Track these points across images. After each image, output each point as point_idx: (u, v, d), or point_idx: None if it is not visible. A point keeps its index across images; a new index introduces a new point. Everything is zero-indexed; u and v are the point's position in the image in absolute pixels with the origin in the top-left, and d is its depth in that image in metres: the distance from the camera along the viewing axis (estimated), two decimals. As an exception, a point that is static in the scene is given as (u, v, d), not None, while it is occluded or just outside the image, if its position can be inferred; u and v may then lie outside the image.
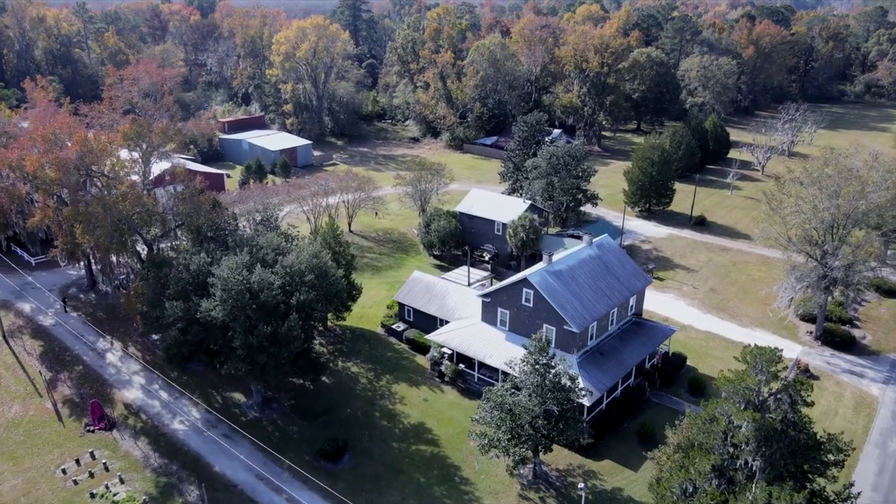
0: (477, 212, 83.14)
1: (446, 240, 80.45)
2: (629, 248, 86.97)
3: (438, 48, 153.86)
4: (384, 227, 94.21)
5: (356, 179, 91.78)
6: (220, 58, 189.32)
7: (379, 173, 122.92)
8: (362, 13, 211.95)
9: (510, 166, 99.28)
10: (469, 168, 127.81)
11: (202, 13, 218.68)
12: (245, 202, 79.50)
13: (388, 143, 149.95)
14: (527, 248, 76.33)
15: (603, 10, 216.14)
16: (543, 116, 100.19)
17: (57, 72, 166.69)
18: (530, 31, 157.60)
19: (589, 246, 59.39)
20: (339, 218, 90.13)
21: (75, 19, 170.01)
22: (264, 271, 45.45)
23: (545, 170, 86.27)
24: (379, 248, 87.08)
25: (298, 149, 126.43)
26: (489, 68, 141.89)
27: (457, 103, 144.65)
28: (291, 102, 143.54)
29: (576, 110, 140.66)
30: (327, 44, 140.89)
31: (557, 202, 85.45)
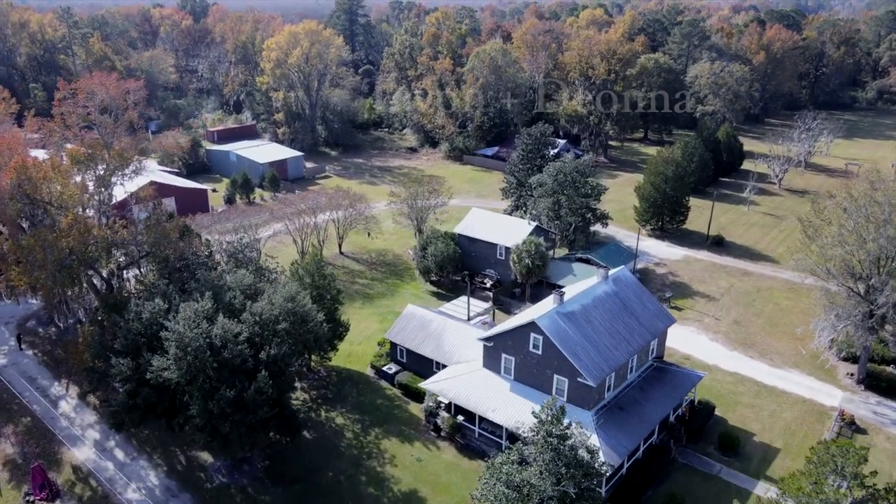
0: (477, 234, 76.36)
1: (444, 265, 73.66)
2: (643, 271, 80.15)
3: (437, 54, 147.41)
4: (378, 247, 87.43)
5: (347, 197, 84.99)
6: (211, 64, 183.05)
7: (373, 187, 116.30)
8: (359, 17, 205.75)
9: (513, 182, 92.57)
10: (469, 181, 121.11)
11: (194, 18, 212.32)
12: (223, 223, 72.70)
13: (385, 153, 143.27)
14: (532, 275, 69.54)
15: (607, 14, 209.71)
16: (548, 128, 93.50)
17: (41, 79, 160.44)
18: (533, 36, 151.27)
19: (604, 281, 52.53)
20: (329, 238, 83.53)
21: (60, 24, 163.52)
22: (229, 321, 38.62)
23: (551, 187, 79.51)
24: (371, 273, 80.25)
25: (289, 161, 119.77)
26: (490, 75, 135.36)
27: (456, 112, 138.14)
28: (283, 111, 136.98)
29: (581, 119, 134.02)
30: (320, 50, 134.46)
31: (565, 223, 78.65)
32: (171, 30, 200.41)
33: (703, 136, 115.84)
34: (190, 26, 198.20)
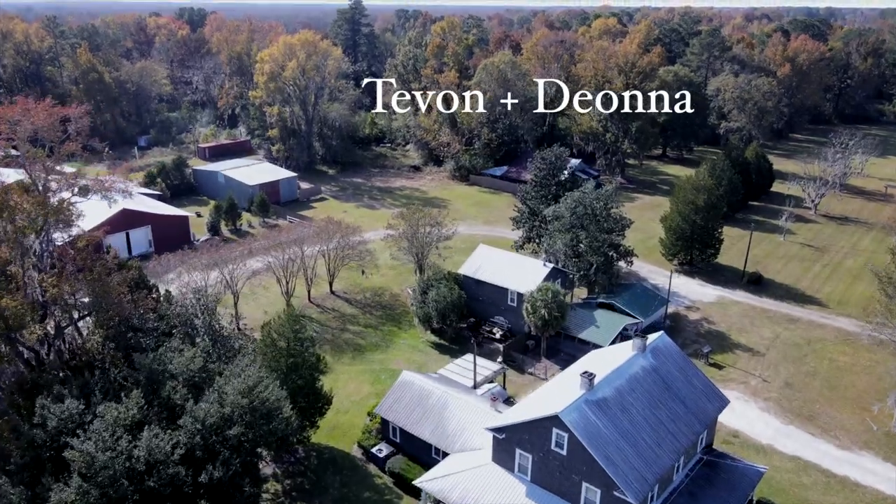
0: (485, 276, 66.88)
1: (447, 313, 64.16)
2: (673, 317, 70.38)
3: (442, 66, 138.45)
4: (373, 286, 78.05)
5: (339, 229, 75.71)
6: (206, 75, 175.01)
7: (372, 211, 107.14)
8: (362, 27, 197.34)
9: (525, 211, 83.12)
10: (476, 205, 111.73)
11: (192, 27, 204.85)
12: (191, 261, 63.37)
13: (386, 171, 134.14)
14: (549, 328, 59.96)
15: (621, 23, 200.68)
16: (564, 151, 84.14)
17: (25, 92, 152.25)
18: (544, 47, 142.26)
19: (641, 354, 42.90)
20: (319, 276, 74.25)
21: (46, 34, 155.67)
22: (159, 436, 29.29)
23: (569, 221, 70.04)
24: (365, 317, 70.80)
25: (281, 182, 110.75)
26: (498, 89, 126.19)
27: (462, 128, 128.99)
28: (277, 127, 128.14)
29: (596, 136, 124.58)
30: (318, 62, 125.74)
31: (585, 262, 69.08)
32: (167, 39, 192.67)
33: (730, 156, 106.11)
34: (186, 36, 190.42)
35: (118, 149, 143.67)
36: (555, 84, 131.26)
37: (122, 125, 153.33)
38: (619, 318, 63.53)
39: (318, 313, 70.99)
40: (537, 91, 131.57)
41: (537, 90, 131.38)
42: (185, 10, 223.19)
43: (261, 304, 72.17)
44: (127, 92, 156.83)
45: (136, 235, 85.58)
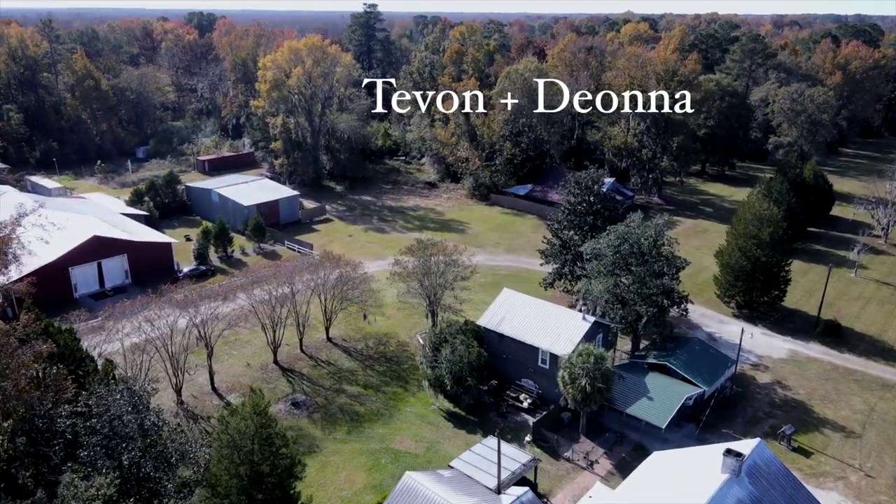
0: (511, 330, 55.02)
1: (464, 376, 52.39)
2: (739, 379, 57.82)
3: (461, 74, 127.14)
4: (377, 331, 66.49)
5: (337, 264, 64.36)
6: (212, 82, 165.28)
7: (381, 235, 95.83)
8: (377, 32, 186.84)
9: (556, 244, 71.25)
10: (498, 228, 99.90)
11: (200, 32, 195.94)
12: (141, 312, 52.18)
13: (399, 188, 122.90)
14: (591, 402, 47.89)
15: (652, 28, 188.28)
16: (602, 173, 72.18)
17: (18, 99, 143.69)
18: (572, 53, 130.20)
19: (734, 479, 30.71)
20: (314, 319, 62.94)
21: (42, 39, 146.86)
22: None
23: (611, 261, 58.03)
24: (365, 374, 59.17)
25: (281, 202, 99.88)
26: (522, 99, 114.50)
27: (482, 142, 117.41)
28: (281, 139, 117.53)
29: (631, 152, 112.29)
30: (326, 69, 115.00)
31: (631, 312, 56.99)
32: (174, 45, 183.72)
33: (787, 175, 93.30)
34: (193, 41, 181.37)
35: (115, 160, 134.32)
36: (584, 93, 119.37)
37: (120, 135, 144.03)
38: (676, 386, 51.31)
39: (309, 367, 59.56)
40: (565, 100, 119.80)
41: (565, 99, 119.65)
42: (195, 15, 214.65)
43: (244, 355, 60.97)
44: (126, 100, 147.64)
45: (109, 266, 74.95)
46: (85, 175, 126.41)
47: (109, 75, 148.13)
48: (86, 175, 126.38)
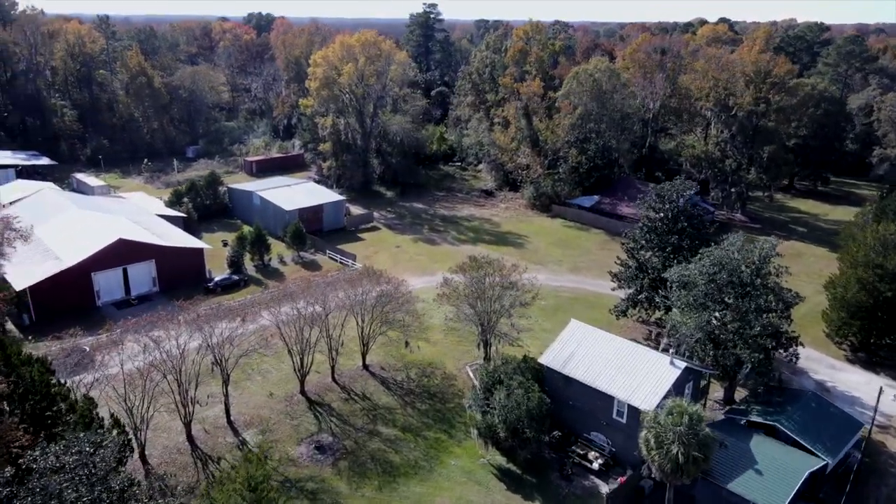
0: (579, 372, 45.43)
1: (521, 427, 43.15)
2: (871, 463, 46.30)
3: (524, 75, 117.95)
4: (421, 359, 57.91)
5: (377, 281, 56.22)
6: (265, 82, 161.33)
7: (431, 247, 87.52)
8: (436, 32, 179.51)
9: (631, 266, 61.21)
10: (560, 243, 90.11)
11: (258, 32, 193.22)
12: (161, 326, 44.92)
13: (453, 196, 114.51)
14: (683, 474, 37.81)
15: (732, 30, 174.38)
16: (691, 186, 61.68)
17: (73, 96, 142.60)
18: (646, 53, 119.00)
19: None
20: (350, 343, 54.94)
21: (99, 36, 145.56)
22: None
23: (703, 291, 47.78)
24: (404, 413, 50.58)
25: (326, 207, 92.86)
26: (591, 102, 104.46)
27: (545, 148, 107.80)
28: (330, 141, 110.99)
29: (712, 163, 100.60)
30: (380, 67, 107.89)
31: (729, 356, 46.53)
32: (231, 44, 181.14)
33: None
34: (250, 41, 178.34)
35: (164, 159, 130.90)
36: (658, 97, 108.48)
37: (171, 134, 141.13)
38: (792, 457, 40.65)
39: (341, 401, 51.41)
40: (637, 106, 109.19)
41: (637, 106, 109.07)
42: (254, 16, 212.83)
43: (268, 382, 53.38)
44: (179, 98, 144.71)
45: (136, 272, 68.99)
46: (132, 174, 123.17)
47: (164, 73, 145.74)
48: (133, 174, 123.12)
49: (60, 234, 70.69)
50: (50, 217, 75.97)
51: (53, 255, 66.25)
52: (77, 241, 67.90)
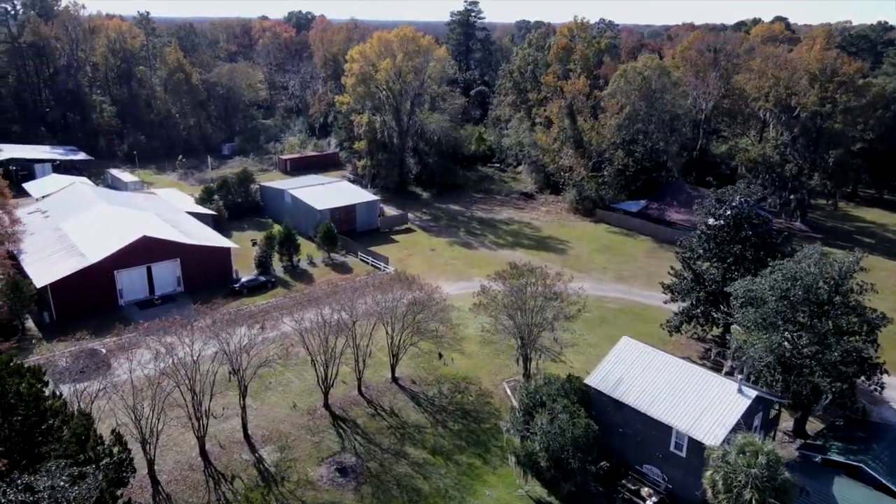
0: (632, 397, 40.45)
1: (566, 456, 38.45)
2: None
3: (567, 73, 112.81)
4: (455, 373, 53.57)
5: (408, 285, 52.17)
6: (303, 80, 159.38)
7: (468, 251, 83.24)
8: (476, 31, 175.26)
9: (687, 278, 55.84)
10: (604, 250, 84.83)
11: (297, 30, 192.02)
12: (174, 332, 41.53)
13: (491, 198, 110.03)
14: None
15: (788, 29, 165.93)
16: (754, 191, 55.96)
17: (112, 92, 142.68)
18: (698, 51, 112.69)
19: None
20: (379, 352, 51.06)
21: (139, 32, 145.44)
22: None
23: (774, 309, 42.34)
24: (434, 434, 46.29)
25: (358, 207, 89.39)
26: (639, 101, 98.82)
27: (589, 149, 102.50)
28: (365, 139, 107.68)
29: (770, 167, 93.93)
30: (418, 63, 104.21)
31: (803, 384, 41.00)
32: (270, 42, 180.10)
33: None
34: (289, 39, 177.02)
35: (200, 156, 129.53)
36: (711, 97, 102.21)
37: (208, 131, 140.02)
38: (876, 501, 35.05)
39: (367, 416, 47.42)
40: (688, 105, 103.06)
41: (688, 106, 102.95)
42: (293, 14, 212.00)
43: (290, 393, 49.75)
44: (216, 95, 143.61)
45: (160, 271, 66.34)
46: (167, 170, 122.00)
47: (202, 70, 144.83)
48: (168, 170, 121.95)
49: (87, 230, 68.66)
50: (78, 212, 74.23)
51: (78, 252, 64.08)
52: (102, 237, 65.65)
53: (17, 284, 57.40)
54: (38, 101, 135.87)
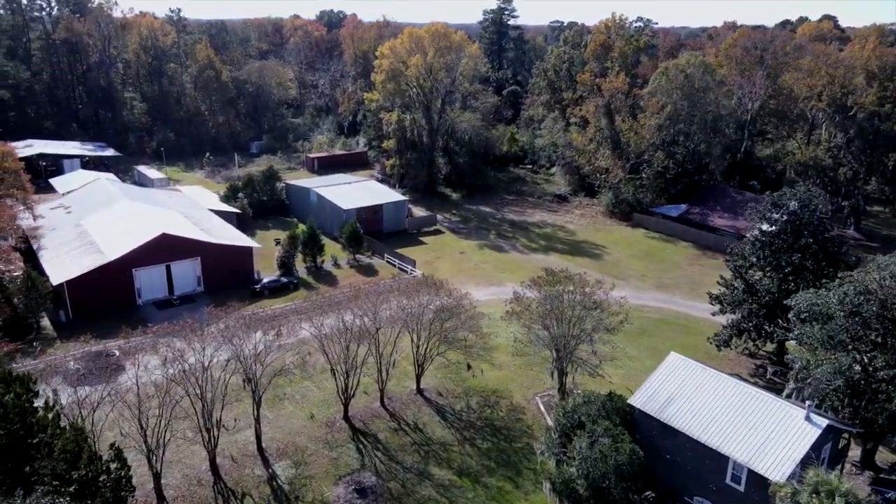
0: (683, 420, 36.36)
1: (607, 486, 34.57)
2: None
3: (605, 71, 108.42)
4: (484, 386, 49.97)
5: (435, 289, 48.74)
6: (333, 78, 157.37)
7: (498, 254, 79.62)
8: (509, 30, 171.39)
9: (738, 288, 51.43)
10: (643, 256, 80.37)
11: (329, 29, 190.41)
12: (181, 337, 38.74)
13: (523, 200, 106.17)
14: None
15: (837, 28, 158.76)
16: (816, 193, 51.26)
17: (143, 89, 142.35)
18: (744, 49, 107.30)
19: None
20: (403, 361, 47.81)
21: (170, 29, 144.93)
22: None
23: (843, 326, 37.88)
24: (461, 451, 42.79)
25: (386, 207, 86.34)
26: (681, 101, 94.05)
27: (627, 150, 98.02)
28: (394, 137, 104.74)
29: (822, 171, 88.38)
30: (450, 60, 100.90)
31: (879, 410, 36.47)
32: (301, 41, 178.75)
33: None
34: (319, 37, 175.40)
35: (228, 154, 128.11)
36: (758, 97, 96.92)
37: (236, 129, 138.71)
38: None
39: (389, 431, 44.11)
40: (733, 105, 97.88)
41: (733, 104, 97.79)
42: (325, 13, 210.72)
43: (308, 402, 46.70)
44: (246, 93, 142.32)
45: (179, 270, 64.04)
46: (195, 167, 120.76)
47: (232, 68, 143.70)
48: (195, 167, 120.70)
49: (107, 227, 66.80)
50: (100, 208, 72.52)
51: (97, 248, 62.13)
52: (121, 234, 63.65)
53: (32, 281, 55.58)
54: (71, 98, 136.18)
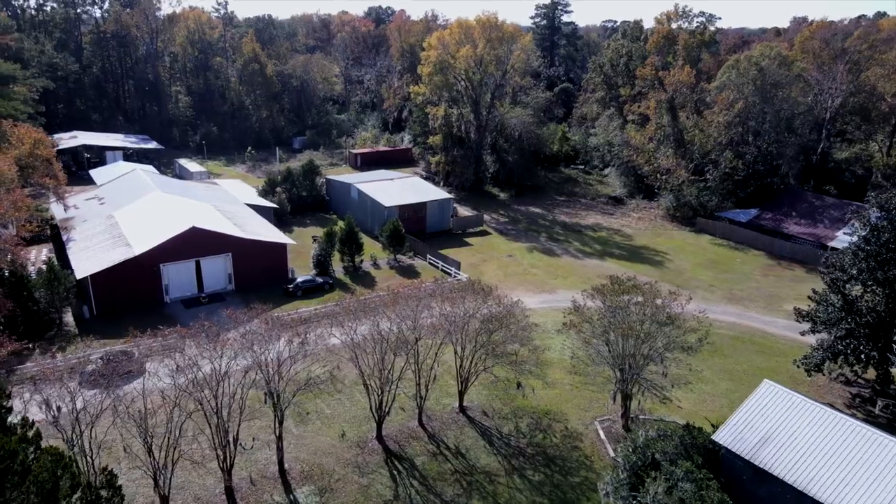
0: (782, 465, 29.91)
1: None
2: None
3: (667, 65, 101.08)
4: (536, 407, 44.21)
5: (481, 295, 43.21)
6: (378, 74, 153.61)
7: (549, 258, 73.66)
8: (562, 25, 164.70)
9: (835, 304, 44.34)
10: (709, 265, 73.14)
11: (376, 24, 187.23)
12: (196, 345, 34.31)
13: (576, 202, 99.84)
14: None
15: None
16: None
17: (188, 82, 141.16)
18: (823, 41, 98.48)
19: None
20: (445, 376, 42.53)
21: (218, 22, 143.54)
22: None
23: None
24: (509, 483, 37.18)
25: (429, 205, 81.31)
26: (753, 96, 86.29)
27: (691, 150, 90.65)
28: (441, 133, 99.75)
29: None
30: (500, 52, 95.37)
31: None
32: (348, 36, 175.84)
33: None
34: (366, 33, 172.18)
35: (271, 149, 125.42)
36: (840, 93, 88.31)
37: (280, 123, 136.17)
38: None
39: (427, 455, 38.84)
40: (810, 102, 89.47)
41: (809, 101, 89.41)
42: (373, 10, 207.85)
43: (337, 418, 41.84)
44: (290, 87, 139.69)
45: (209, 266, 60.25)
46: (236, 162, 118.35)
47: (277, 62, 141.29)
48: (237, 162, 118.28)
49: (137, 219, 63.63)
50: (133, 200, 69.58)
51: (124, 242, 58.85)
52: (151, 227, 60.29)
53: (54, 273, 52.49)
54: (119, 91, 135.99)
